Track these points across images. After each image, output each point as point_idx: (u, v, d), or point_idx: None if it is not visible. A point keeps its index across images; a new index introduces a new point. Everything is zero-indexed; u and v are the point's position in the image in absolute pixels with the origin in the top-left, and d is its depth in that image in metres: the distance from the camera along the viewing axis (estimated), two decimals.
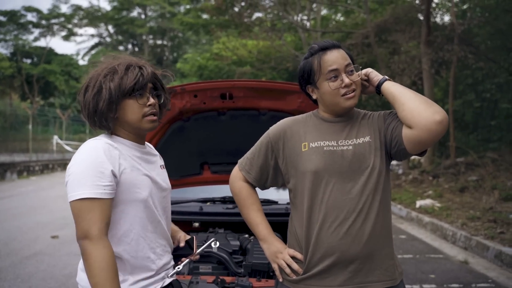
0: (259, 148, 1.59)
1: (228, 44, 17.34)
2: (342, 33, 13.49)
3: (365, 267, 1.44)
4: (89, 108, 1.35)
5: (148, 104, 1.38)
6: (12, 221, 6.99)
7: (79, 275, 1.39)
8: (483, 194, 7.54)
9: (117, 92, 1.33)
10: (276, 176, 1.58)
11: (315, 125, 1.53)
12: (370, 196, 1.43)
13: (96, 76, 1.37)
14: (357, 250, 1.42)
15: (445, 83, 12.51)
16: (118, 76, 1.34)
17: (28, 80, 29.84)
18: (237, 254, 2.26)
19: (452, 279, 4.24)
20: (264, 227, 1.58)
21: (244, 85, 2.35)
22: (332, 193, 1.43)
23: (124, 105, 1.36)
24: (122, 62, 1.38)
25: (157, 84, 1.44)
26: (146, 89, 1.38)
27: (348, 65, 1.46)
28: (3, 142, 17.98)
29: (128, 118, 1.37)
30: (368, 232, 1.42)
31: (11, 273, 4.36)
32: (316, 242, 1.44)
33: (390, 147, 1.47)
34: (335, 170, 1.44)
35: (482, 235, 5.36)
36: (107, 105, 1.33)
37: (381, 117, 1.52)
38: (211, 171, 2.81)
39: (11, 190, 11.25)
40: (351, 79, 1.45)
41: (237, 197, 1.64)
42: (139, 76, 1.36)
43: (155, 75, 1.43)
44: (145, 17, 35.87)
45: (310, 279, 1.47)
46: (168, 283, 1.45)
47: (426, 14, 9.87)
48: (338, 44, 1.51)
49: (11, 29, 30.70)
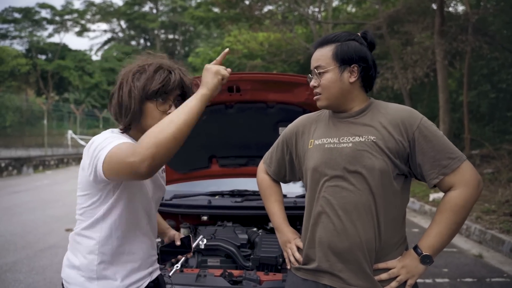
0: (277, 144, 1.68)
1: (240, 37, 17.28)
2: (354, 24, 13.32)
3: (355, 269, 1.39)
4: (125, 105, 1.31)
5: (168, 112, 1.31)
6: (27, 214, 7.13)
7: (64, 271, 1.38)
8: (498, 187, 7.40)
9: (140, 92, 1.29)
10: (293, 171, 1.65)
11: (325, 122, 1.53)
12: (365, 197, 1.38)
13: (127, 73, 1.34)
14: (345, 248, 1.39)
15: (459, 74, 12.27)
16: (145, 76, 1.30)
17: (43, 76, 30.31)
18: (245, 247, 2.26)
19: (466, 273, 4.17)
20: (279, 217, 1.66)
21: (251, 78, 2.33)
22: (327, 189, 1.42)
23: (145, 108, 1.31)
24: (154, 63, 1.34)
25: (186, 93, 1.35)
26: (171, 95, 1.33)
27: (317, 67, 1.45)
28: (20, 137, 18.35)
29: (146, 123, 1.31)
30: (358, 232, 1.38)
31: (26, 265, 4.45)
32: (311, 236, 1.47)
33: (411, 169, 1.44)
34: (331, 167, 1.42)
35: (498, 228, 5.27)
36: (138, 104, 1.29)
37: (412, 125, 1.39)
38: (219, 164, 2.81)
39: (27, 184, 11.47)
40: (311, 83, 1.48)
41: (259, 188, 1.74)
42: (166, 82, 1.30)
43: (183, 83, 1.35)
44: (156, 11, 35.99)
45: (306, 271, 1.50)
46: (154, 277, 1.45)
47: (440, 4, 9.66)
48: (322, 42, 1.47)
49: (26, 26, 31.19)
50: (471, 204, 1.39)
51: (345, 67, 1.43)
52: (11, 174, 13.88)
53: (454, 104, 12.09)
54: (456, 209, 1.38)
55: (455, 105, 12.12)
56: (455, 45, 9.66)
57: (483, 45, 9.55)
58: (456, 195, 1.38)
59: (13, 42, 31.17)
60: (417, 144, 1.38)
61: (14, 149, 16.21)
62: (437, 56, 9.63)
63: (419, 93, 13.49)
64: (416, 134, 1.38)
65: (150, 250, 1.44)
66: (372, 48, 1.48)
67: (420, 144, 1.38)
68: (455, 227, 1.39)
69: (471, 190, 1.38)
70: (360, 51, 1.44)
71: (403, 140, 1.39)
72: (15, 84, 27.66)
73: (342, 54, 1.42)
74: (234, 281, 1.91)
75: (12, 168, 14.02)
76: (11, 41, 31.10)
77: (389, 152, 1.38)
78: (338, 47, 1.43)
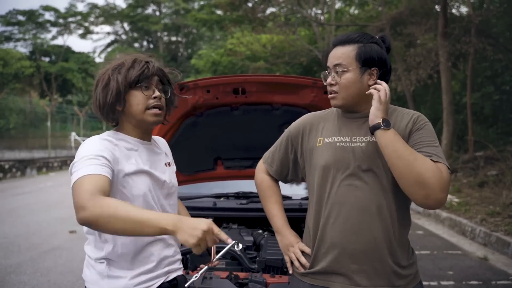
0: (280, 142, 1.64)
1: (242, 39, 17.30)
2: (357, 26, 13.31)
3: (368, 269, 1.38)
4: (99, 100, 1.39)
5: (153, 96, 1.39)
6: (31, 216, 7.15)
7: (84, 272, 1.41)
8: (503, 189, 7.35)
9: (123, 82, 1.36)
10: (296, 170, 1.61)
11: (334, 121, 1.52)
12: (378, 196, 1.38)
13: (105, 71, 1.41)
14: (359, 249, 1.38)
15: (463, 76, 12.23)
16: (125, 68, 1.38)
17: (46, 78, 30.40)
18: (250, 249, 2.26)
19: (471, 276, 4.15)
20: (279, 219, 1.62)
21: (256, 80, 2.34)
22: (339, 188, 1.41)
23: (130, 96, 1.38)
24: (130, 57, 1.42)
25: (163, 79, 1.45)
26: (152, 81, 1.41)
27: (337, 65, 1.43)
28: (23, 139, 18.40)
29: (133, 110, 1.39)
30: (372, 232, 1.37)
31: (30, 267, 4.46)
32: (322, 237, 1.45)
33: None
34: (343, 166, 1.41)
35: (502, 231, 5.24)
36: (115, 96, 1.36)
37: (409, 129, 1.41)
38: (225, 166, 2.81)
39: (31, 186, 11.50)
40: (328, 80, 1.45)
41: (259, 189, 1.69)
42: (145, 68, 1.39)
43: (162, 70, 1.44)
44: (159, 14, 36.08)
45: (315, 274, 1.47)
46: (172, 278, 1.44)
47: (443, 6, 9.64)
48: (344, 40, 1.44)
49: (29, 28, 31.32)
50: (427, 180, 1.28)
51: (366, 69, 1.42)
52: (15, 176, 13.92)
53: (458, 106, 12.05)
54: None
55: (458, 107, 12.08)
56: (458, 46, 9.64)
57: (487, 47, 9.53)
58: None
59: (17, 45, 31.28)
60: (414, 133, 1.39)
61: (18, 151, 16.26)
62: (440, 58, 9.61)
63: (423, 95, 13.46)
64: (416, 127, 1.40)
65: (165, 250, 1.43)
66: (388, 52, 1.48)
67: (416, 133, 1.39)
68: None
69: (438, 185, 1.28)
70: (381, 54, 1.44)
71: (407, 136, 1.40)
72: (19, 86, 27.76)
73: (366, 56, 1.41)
74: (240, 284, 1.90)
75: (16, 170, 14.07)
76: (15, 43, 31.25)
77: None
78: (361, 48, 1.42)
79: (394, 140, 1.32)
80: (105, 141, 1.35)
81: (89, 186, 1.19)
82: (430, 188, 1.27)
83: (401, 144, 1.31)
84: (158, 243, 1.40)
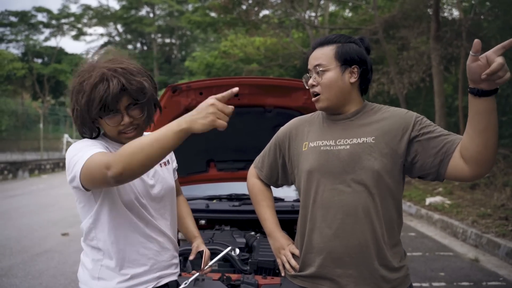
0: (269, 147, 1.65)
1: (236, 41, 17.32)
2: (350, 29, 13.39)
3: (354, 274, 1.38)
4: (76, 122, 1.33)
5: (121, 124, 1.30)
6: (23, 218, 7.09)
7: (78, 271, 1.42)
8: (494, 191, 7.43)
9: (86, 114, 1.28)
10: (286, 175, 1.62)
11: (319, 124, 1.52)
12: (363, 199, 1.37)
13: (73, 89, 1.31)
14: (344, 253, 1.38)
15: (455, 79, 12.35)
16: (85, 97, 1.25)
17: (39, 80, 30.22)
18: (243, 251, 2.26)
19: (462, 277, 4.19)
20: (271, 223, 1.62)
21: (249, 82, 2.35)
22: (324, 193, 1.41)
23: (100, 123, 1.33)
24: (92, 76, 1.26)
25: (134, 95, 1.27)
26: (120, 104, 1.27)
27: (317, 65, 1.42)
28: (15, 141, 18.23)
29: (106, 132, 1.35)
30: (357, 236, 1.37)
31: (22, 270, 4.43)
32: (309, 242, 1.45)
33: (411, 163, 1.39)
34: (327, 170, 1.40)
35: (493, 232, 5.30)
36: (81, 123, 1.31)
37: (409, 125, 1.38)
38: (217, 168, 2.82)
39: (23, 188, 11.40)
40: (310, 81, 1.45)
41: (250, 193, 1.70)
42: (106, 95, 1.23)
43: (128, 88, 1.25)
44: (153, 16, 36.01)
45: (305, 277, 1.48)
46: (164, 283, 1.42)
47: (436, 9, 9.74)
48: (323, 42, 1.45)
49: (22, 30, 31.10)
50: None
51: (346, 67, 1.42)
52: (7, 178, 13.79)
53: (450, 109, 12.16)
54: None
55: (450, 110, 12.19)
56: (450, 50, 9.74)
57: None
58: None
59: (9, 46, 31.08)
60: (418, 136, 1.36)
61: (10, 153, 16.10)
62: (432, 61, 9.71)
63: (415, 97, 13.57)
64: (417, 130, 1.37)
65: (159, 255, 1.41)
66: (368, 53, 1.49)
67: (420, 136, 1.36)
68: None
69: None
70: (361, 53, 1.44)
71: (401, 137, 1.38)
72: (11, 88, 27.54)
73: (344, 54, 1.42)
74: (232, 285, 1.91)
75: (8, 172, 13.94)
76: (7, 44, 31.04)
77: (388, 152, 1.37)
78: (339, 47, 1.43)
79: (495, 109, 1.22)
80: (95, 140, 1.34)
81: (100, 155, 1.18)
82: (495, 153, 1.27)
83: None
84: (153, 247, 1.39)
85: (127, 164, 1.11)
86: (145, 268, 1.37)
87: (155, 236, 1.40)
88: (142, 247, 1.37)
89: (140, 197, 1.36)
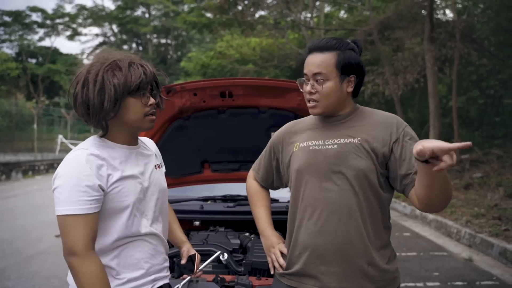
0: (265, 150, 1.70)
1: (232, 42, 17.33)
2: (345, 30, 13.42)
3: (338, 271, 1.39)
4: (92, 105, 1.28)
5: (149, 104, 1.36)
6: (16, 220, 7.04)
7: (68, 275, 1.38)
8: (488, 191, 7.48)
9: (122, 88, 1.28)
10: (280, 177, 1.66)
11: (311, 126, 1.55)
12: (348, 198, 1.39)
13: (96, 71, 1.30)
14: (328, 250, 1.39)
15: (449, 80, 12.43)
16: (122, 73, 1.29)
17: (33, 80, 29.99)
18: (237, 252, 2.26)
19: (456, 276, 4.21)
20: (263, 222, 1.66)
21: (243, 83, 2.35)
22: (311, 190, 1.43)
23: (127, 103, 1.31)
24: (122, 59, 1.33)
25: (154, 84, 1.40)
26: (147, 88, 1.36)
27: (318, 73, 1.42)
28: (9, 141, 18.12)
29: (128, 117, 1.33)
30: (341, 234, 1.38)
31: (15, 272, 4.39)
32: (295, 240, 1.48)
33: (388, 171, 1.43)
34: (315, 168, 1.43)
35: (487, 232, 5.33)
36: (113, 102, 1.28)
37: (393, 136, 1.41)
38: (212, 169, 2.81)
39: (16, 190, 11.33)
40: (307, 88, 1.44)
41: (248, 193, 1.76)
42: (143, 75, 1.32)
43: (155, 75, 1.40)
44: (149, 16, 35.91)
45: (291, 275, 1.50)
46: (158, 286, 1.42)
47: (430, 11, 9.80)
48: (322, 47, 1.43)
49: (16, 29, 30.86)
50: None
51: (345, 77, 1.44)
52: (0, 179, 13.69)
53: (444, 110, 12.23)
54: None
55: (445, 111, 12.26)
56: (444, 51, 9.80)
57: (472, 51, 9.71)
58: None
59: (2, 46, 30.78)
60: (402, 143, 1.40)
61: (3, 154, 16.00)
62: (427, 62, 9.74)
63: (410, 98, 13.63)
64: (401, 136, 1.41)
65: (153, 258, 1.41)
66: (359, 55, 1.51)
67: (404, 143, 1.40)
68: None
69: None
70: (359, 61, 1.46)
71: (388, 141, 1.41)
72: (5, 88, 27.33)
73: (345, 64, 1.42)
74: (226, 286, 1.91)
75: (1, 173, 13.84)
76: (1, 44, 30.77)
77: (374, 153, 1.41)
78: (340, 55, 1.42)
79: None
80: (91, 156, 1.28)
81: (82, 232, 1.25)
82: (450, 196, 1.35)
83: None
84: (147, 251, 1.39)
85: (80, 274, 1.24)
86: (141, 272, 1.37)
87: (150, 239, 1.40)
88: (138, 251, 1.37)
89: (137, 201, 1.36)
